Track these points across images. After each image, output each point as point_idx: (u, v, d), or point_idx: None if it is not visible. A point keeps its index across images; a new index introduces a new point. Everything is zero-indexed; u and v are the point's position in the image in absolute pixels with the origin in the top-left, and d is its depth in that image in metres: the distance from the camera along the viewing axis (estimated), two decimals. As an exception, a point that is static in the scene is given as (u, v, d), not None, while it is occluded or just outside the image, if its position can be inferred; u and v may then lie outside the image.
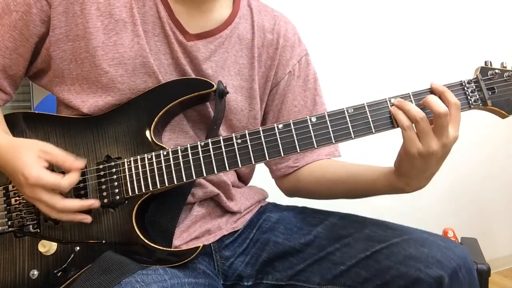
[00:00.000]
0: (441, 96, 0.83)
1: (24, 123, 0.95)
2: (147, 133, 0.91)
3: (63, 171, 0.86)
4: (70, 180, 0.83)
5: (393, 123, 0.85)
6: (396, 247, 0.84)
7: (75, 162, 0.85)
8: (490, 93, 0.87)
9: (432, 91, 0.85)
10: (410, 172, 0.87)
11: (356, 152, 1.18)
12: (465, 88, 0.87)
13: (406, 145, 0.83)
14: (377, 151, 1.62)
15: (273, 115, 1.10)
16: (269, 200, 1.17)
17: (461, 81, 0.88)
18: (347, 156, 1.08)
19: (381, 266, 0.84)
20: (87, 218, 0.86)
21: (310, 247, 0.94)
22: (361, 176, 0.98)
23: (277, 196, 1.16)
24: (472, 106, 0.87)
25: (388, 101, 0.86)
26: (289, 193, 1.14)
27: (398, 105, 0.84)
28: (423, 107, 0.83)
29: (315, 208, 1.05)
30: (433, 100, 0.82)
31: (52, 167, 0.85)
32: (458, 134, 0.83)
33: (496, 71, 0.88)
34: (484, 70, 0.88)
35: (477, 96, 0.87)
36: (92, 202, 0.86)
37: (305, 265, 0.93)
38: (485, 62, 0.89)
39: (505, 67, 0.89)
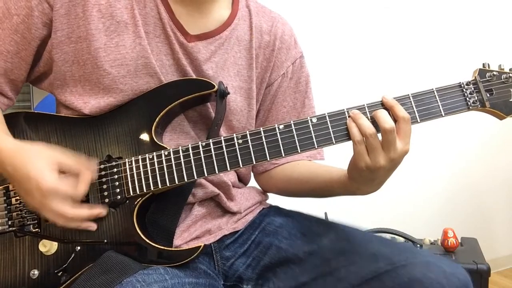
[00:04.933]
0: (390, 111, 0.84)
1: (24, 123, 0.95)
2: (148, 133, 0.92)
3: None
4: (84, 187, 0.84)
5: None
6: (402, 269, 0.84)
7: (88, 169, 0.86)
8: (488, 94, 0.88)
9: (383, 104, 0.86)
10: (359, 180, 0.89)
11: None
12: (464, 90, 0.88)
13: (355, 159, 0.86)
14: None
15: (263, 114, 1.11)
16: (270, 201, 1.17)
17: (459, 82, 0.88)
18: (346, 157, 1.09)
19: (386, 287, 0.84)
20: (93, 226, 0.87)
21: (314, 257, 0.94)
22: (321, 177, 1.01)
23: (277, 197, 1.17)
24: (470, 107, 0.88)
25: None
26: (265, 188, 1.17)
27: (353, 118, 0.85)
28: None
29: (319, 217, 1.06)
30: (380, 115, 0.83)
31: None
32: (408, 147, 0.84)
33: (494, 73, 0.88)
34: (482, 72, 0.89)
35: (476, 97, 0.88)
36: (100, 211, 0.87)
37: (309, 279, 0.92)
38: (483, 64, 0.90)
39: (503, 69, 0.89)
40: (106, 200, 0.89)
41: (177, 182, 0.87)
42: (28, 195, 0.83)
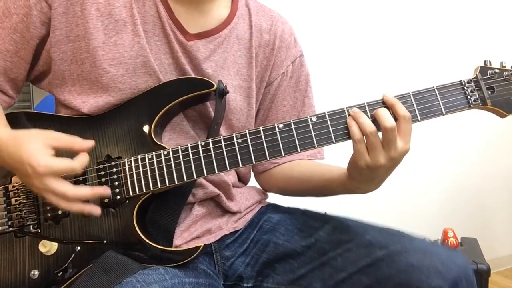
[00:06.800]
0: (391, 109, 0.84)
1: (24, 123, 0.95)
2: (147, 132, 0.91)
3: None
4: (81, 161, 0.81)
5: None
6: (398, 255, 0.84)
7: (84, 142, 0.83)
8: (489, 92, 0.88)
9: (384, 102, 0.86)
10: (359, 179, 0.89)
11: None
12: (465, 88, 0.87)
13: (355, 157, 0.85)
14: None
15: (262, 114, 1.11)
16: (269, 200, 1.17)
17: (460, 80, 0.88)
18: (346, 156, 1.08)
19: (383, 274, 0.84)
20: (97, 210, 0.84)
21: (311, 250, 0.94)
22: (321, 176, 1.01)
23: (277, 196, 1.16)
24: (471, 105, 0.87)
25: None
26: (265, 188, 1.17)
27: (353, 116, 0.85)
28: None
29: (316, 211, 1.06)
30: (381, 114, 0.83)
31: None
32: (409, 146, 0.84)
33: (496, 70, 0.88)
34: (483, 69, 0.89)
35: (477, 95, 0.87)
36: (103, 190, 0.85)
37: (307, 270, 0.93)
38: (485, 61, 0.89)
39: (505, 66, 0.89)
40: (106, 200, 0.88)
41: (176, 182, 0.87)
42: (27, 179, 0.81)
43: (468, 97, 0.87)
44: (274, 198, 1.17)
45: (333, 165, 1.00)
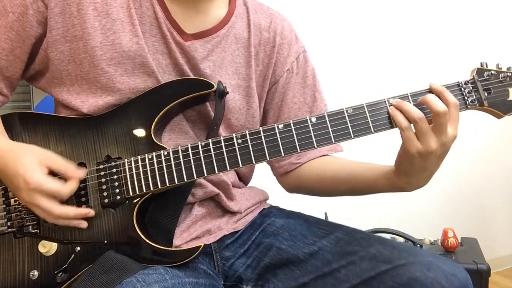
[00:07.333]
0: (440, 96, 0.85)
1: (23, 124, 0.95)
2: (147, 133, 0.92)
3: (61, 177, 0.86)
4: (71, 188, 0.85)
5: (391, 123, 0.86)
6: (402, 269, 0.84)
7: (76, 171, 0.87)
8: (486, 93, 0.88)
9: (430, 91, 0.86)
10: (410, 171, 0.88)
11: (356, 151, 1.18)
12: (462, 89, 0.88)
13: (405, 145, 0.85)
14: (377, 150, 1.62)
15: (273, 113, 1.10)
16: (269, 201, 1.17)
17: (458, 82, 0.89)
18: (349, 155, 1.08)
19: (386, 287, 0.84)
20: (83, 224, 0.87)
21: (314, 259, 0.93)
22: (362, 175, 0.99)
23: (277, 196, 1.16)
24: (469, 106, 0.88)
25: (386, 101, 0.87)
26: (291, 190, 1.15)
27: (397, 106, 0.85)
28: (422, 106, 0.85)
29: (320, 218, 1.06)
30: (432, 99, 0.83)
31: (52, 173, 0.86)
32: (457, 133, 0.84)
33: (492, 72, 0.89)
34: (480, 71, 0.89)
35: (474, 96, 0.88)
36: (88, 211, 0.88)
37: (309, 279, 0.92)
38: (481, 63, 0.90)
39: (501, 68, 0.90)
40: (106, 201, 0.89)
41: (176, 182, 0.88)
42: (18, 191, 0.84)
43: (466, 98, 0.88)
44: (275, 199, 1.17)
45: (374, 163, 0.99)
